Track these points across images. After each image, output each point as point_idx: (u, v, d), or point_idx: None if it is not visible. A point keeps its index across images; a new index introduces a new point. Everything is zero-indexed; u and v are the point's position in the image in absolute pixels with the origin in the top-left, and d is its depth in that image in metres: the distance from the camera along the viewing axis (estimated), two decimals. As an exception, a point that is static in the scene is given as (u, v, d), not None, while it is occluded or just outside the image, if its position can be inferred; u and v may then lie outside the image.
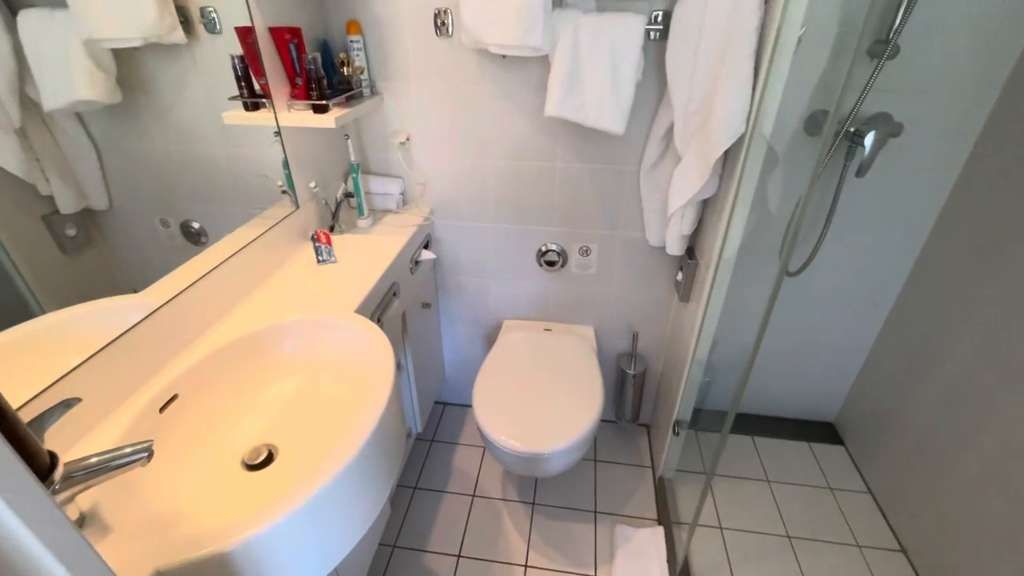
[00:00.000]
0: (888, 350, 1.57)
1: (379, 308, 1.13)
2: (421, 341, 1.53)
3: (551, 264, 1.53)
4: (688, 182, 1.12)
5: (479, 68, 1.27)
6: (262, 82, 1.07)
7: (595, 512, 1.55)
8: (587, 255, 1.51)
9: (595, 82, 1.10)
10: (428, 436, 1.82)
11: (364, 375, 0.85)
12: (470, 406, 1.94)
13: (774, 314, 1.62)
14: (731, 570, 1.36)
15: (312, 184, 1.21)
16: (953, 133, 1.26)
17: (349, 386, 0.89)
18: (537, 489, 1.62)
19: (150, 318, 0.82)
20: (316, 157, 1.28)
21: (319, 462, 0.65)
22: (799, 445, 1.76)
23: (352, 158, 1.29)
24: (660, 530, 1.45)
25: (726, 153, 1.09)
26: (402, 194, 1.47)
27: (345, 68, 1.23)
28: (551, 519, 1.53)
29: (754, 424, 1.84)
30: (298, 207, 1.22)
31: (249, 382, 0.89)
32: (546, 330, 1.60)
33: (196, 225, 0.94)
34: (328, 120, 1.10)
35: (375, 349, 0.87)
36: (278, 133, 1.12)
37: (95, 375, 0.73)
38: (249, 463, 0.81)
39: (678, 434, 1.45)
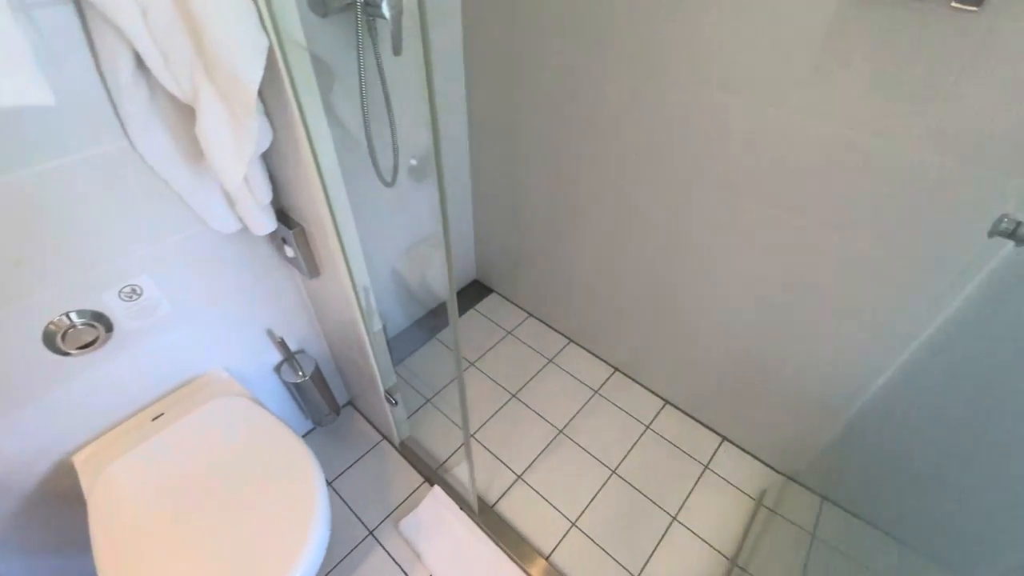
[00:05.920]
0: (485, 201, 1.71)
1: None
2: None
3: (89, 344, 0.90)
4: (234, 141, 0.72)
5: None
6: None
7: (371, 533, 1.31)
8: (138, 296, 0.94)
9: None
10: None
11: None
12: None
13: (393, 225, 1.51)
14: (506, 464, 1.43)
15: None
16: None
17: None
18: None
19: None
20: None
21: None
22: (471, 314, 1.89)
23: None
24: (436, 488, 1.36)
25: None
26: None
27: None
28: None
29: (431, 323, 1.85)
30: None
31: None
32: (156, 419, 1.03)
33: None
34: None
35: None
36: None
37: None
38: None
39: (395, 403, 1.28)
